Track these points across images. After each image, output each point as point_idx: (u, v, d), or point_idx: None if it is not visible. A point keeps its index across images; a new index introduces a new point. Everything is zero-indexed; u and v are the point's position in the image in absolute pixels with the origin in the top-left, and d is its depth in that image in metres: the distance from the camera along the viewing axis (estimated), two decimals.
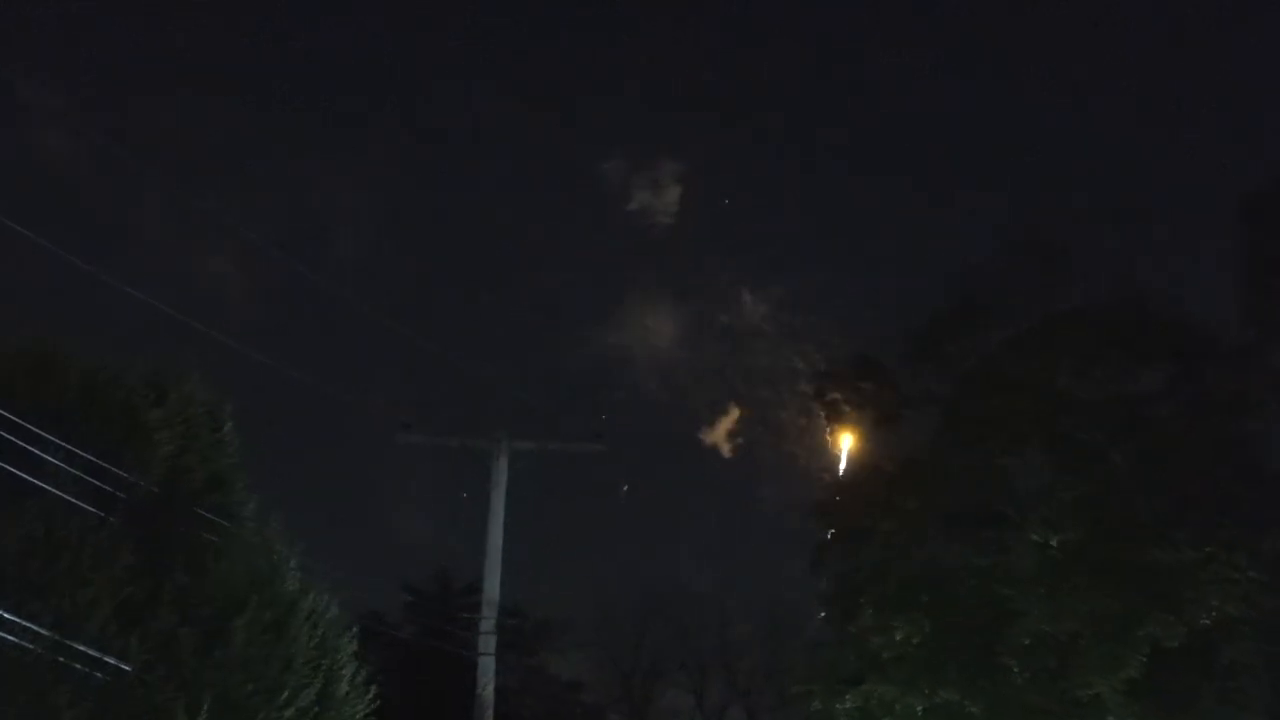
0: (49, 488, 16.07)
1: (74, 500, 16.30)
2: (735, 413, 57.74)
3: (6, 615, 14.75)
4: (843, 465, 33.50)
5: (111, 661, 15.44)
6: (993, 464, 27.68)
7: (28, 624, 14.89)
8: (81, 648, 15.21)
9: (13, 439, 15.65)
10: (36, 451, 15.96)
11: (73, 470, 16.44)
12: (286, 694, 17.20)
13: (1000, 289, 28.68)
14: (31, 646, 14.91)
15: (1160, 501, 25.65)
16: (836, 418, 31.69)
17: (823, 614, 30.91)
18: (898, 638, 26.46)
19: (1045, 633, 25.38)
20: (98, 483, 16.77)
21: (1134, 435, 26.70)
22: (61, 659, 15.08)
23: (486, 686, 23.71)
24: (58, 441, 16.18)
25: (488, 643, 24.18)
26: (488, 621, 24.15)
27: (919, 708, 26.31)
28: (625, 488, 49.72)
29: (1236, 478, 25.73)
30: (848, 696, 27.33)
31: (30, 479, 15.87)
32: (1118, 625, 24.38)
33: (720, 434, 56.65)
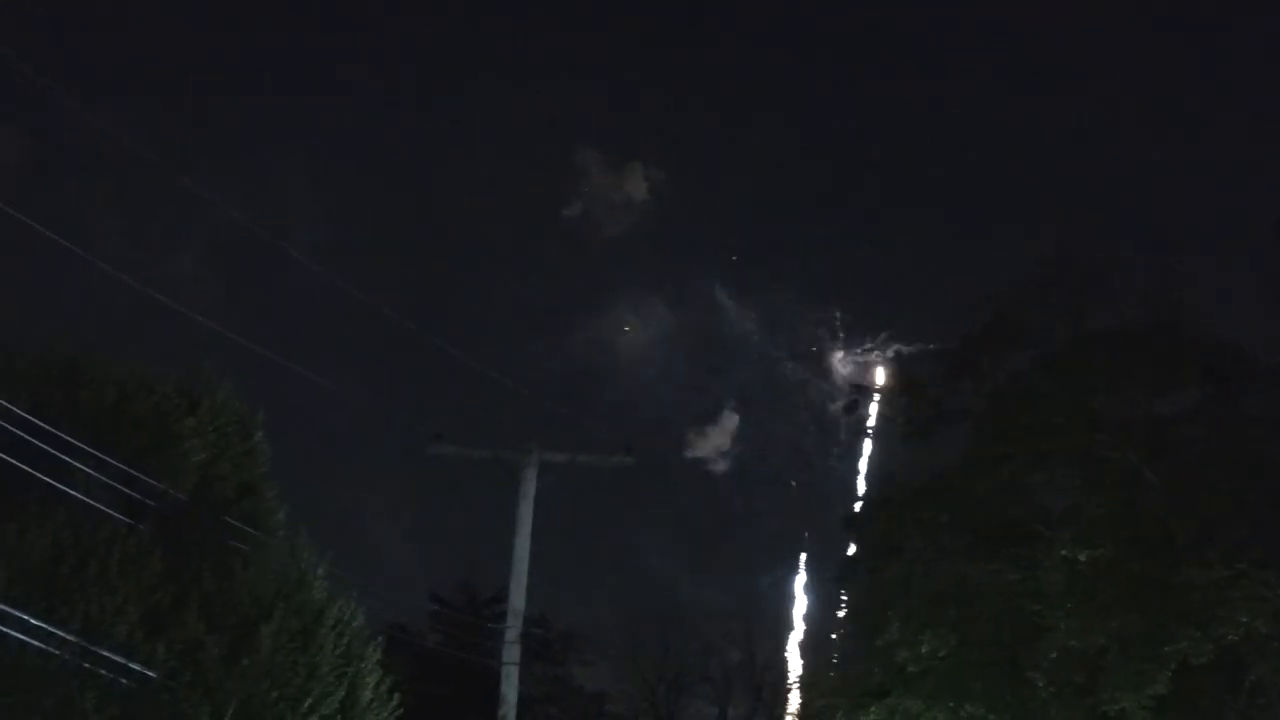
0: (78, 494, 16.18)
1: (103, 507, 16.41)
2: (734, 421, 57.39)
3: (34, 621, 14.85)
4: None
5: (137, 668, 15.52)
6: (1023, 480, 27.59)
7: (55, 629, 14.98)
8: (108, 654, 15.31)
9: (44, 446, 15.77)
10: (66, 459, 16.08)
11: (102, 478, 16.56)
12: (311, 701, 17.29)
13: (1034, 308, 28.62)
14: (58, 652, 15.02)
15: (1191, 520, 25.48)
16: (866, 431, 31.76)
17: (845, 628, 30.91)
18: (924, 651, 26.36)
19: (1073, 648, 25.23)
20: (127, 490, 16.89)
21: (1166, 454, 26.54)
22: (88, 665, 15.18)
23: (510, 696, 23.72)
24: (87, 449, 16.29)
25: (512, 652, 24.18)
26: (512, 631, 24.16)
27: None
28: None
29: (1268, 497, 25.53)
30: (872, 710, 27.26)
31: (60, 485, 15.99)
32: (1145, 642, 24.22)
33: (717, 445, 56.40)
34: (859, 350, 54.29)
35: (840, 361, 54.83)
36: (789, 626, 47.75)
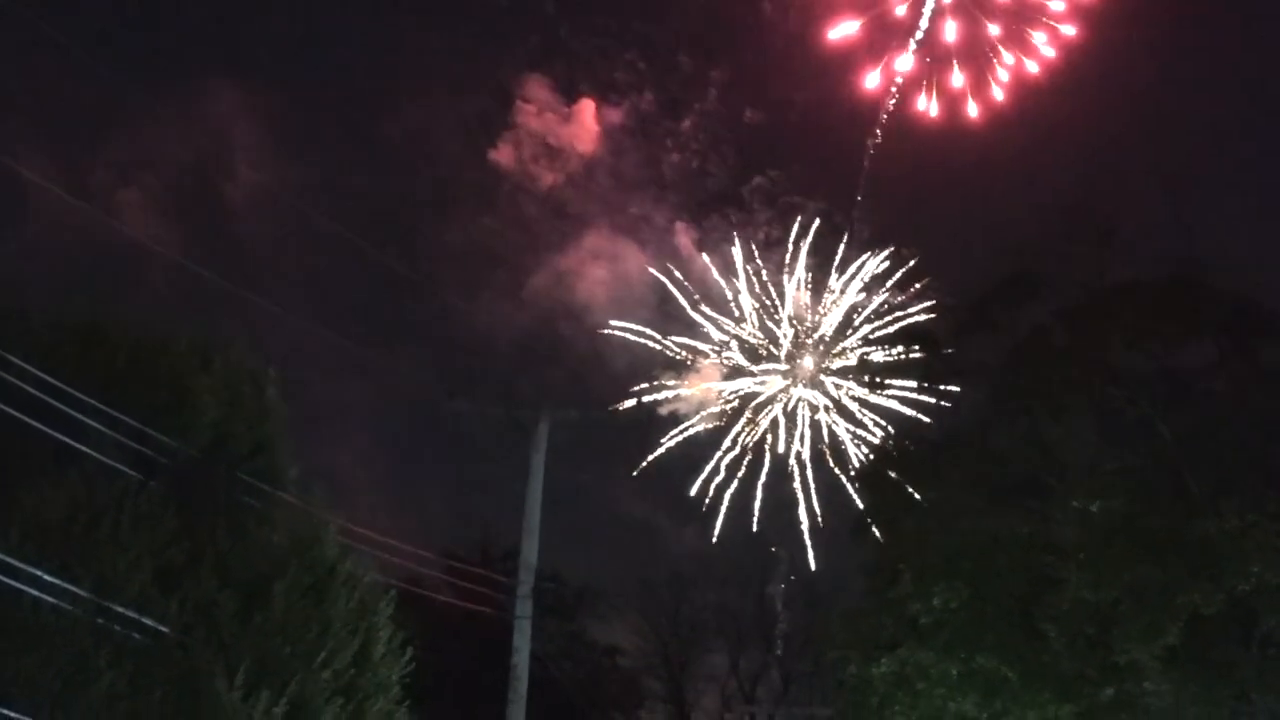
0: (91, 452, 16.22)
1: (116, 465, 16.45)
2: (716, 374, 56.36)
3: (49, 578, 14.93)
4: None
5: (151, 624, 15.60)
6: (1039, 434, 27.55)
7: (69, 586, 15.06)
8: (121, 610, 15.37)
9: (57, 404, 15.80)
10: (80, 417, 16.11)
11: (116, 435, 16.59)
12: (324, 656, 17.33)
13: (1053, 261, 28.47)
14: (72, 609, 15.09)
15: (1206, 473, 25.43)
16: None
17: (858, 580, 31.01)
18: (936, 604, 26.43)
19: (1085, 600, 25.26)
20: (141, 448, 16.92)
21: (1183, 408, 26.46)
22: (102, 621, 15.25)
23: (522, 650, 23.84)
24: (101, 406, 16.31)
25: (524, 606, 24.28)
26: (524, 585, 24.25)
27: (955, 672, 26.30)
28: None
29: None
30: (883, 661, 27.37)
31: (73, 443, 16.03)
32: (1157, 593, 24.24)
33: (700, 400, 55.35)
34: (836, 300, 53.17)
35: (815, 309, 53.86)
36: (790, 580, 47.76)
